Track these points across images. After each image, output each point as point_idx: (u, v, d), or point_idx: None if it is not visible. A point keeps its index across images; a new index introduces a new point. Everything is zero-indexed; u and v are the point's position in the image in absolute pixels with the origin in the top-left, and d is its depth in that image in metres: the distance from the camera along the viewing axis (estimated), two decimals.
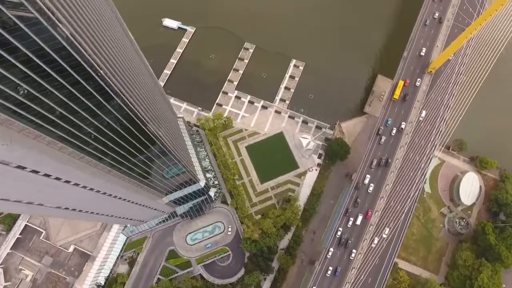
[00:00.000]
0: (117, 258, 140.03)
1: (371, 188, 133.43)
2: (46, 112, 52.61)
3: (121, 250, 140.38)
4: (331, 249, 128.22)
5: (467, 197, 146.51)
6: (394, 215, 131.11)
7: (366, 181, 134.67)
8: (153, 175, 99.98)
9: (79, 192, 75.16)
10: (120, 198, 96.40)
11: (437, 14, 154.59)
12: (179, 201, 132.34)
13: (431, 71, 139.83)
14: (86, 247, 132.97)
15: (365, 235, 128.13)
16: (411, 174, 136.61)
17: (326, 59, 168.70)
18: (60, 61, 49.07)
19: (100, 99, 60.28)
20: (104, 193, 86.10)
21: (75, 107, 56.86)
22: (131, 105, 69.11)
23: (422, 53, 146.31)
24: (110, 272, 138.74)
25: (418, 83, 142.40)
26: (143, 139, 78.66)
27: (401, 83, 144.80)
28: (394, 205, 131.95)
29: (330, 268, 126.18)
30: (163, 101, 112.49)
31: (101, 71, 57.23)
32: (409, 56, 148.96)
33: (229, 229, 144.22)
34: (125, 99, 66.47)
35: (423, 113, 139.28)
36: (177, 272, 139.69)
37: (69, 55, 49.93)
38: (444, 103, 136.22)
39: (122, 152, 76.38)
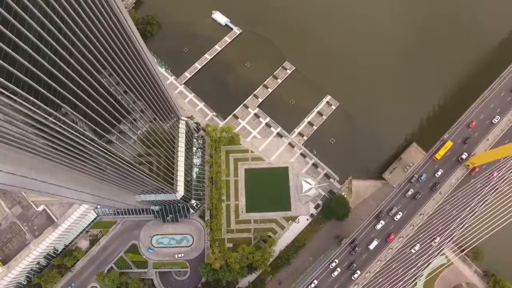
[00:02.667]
0: (82, 231, 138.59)
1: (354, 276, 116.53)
2: None
3: (87, 226, 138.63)
4: None
5: None
6: None
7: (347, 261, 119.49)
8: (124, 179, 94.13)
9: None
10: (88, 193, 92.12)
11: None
12: (155, 202, 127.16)
13: (468, 166, 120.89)
14: (54, 211, 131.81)
15: None
16: (405, 266, 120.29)
17: (363, 107, 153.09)
18: None
19: None
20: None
21: None
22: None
23: (467, 142, 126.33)
24: (71, 242, 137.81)
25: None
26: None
27: (449, 144, 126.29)
28: None
29: None
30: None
31: None
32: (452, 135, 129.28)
33: (197, 246, 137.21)
34: None
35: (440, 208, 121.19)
36: (131, 268, 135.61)
37: None
38: (470, 207, 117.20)
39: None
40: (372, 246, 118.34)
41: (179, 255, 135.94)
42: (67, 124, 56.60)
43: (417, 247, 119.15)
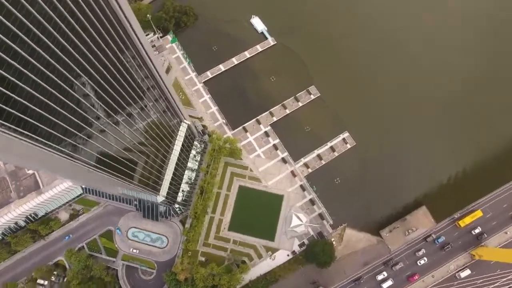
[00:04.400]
0: (65, 204, 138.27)
1: None
2: None
3: (71, 199, 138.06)
4: None
5: None
6: None
7: None
8: None
9: None
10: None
11: None
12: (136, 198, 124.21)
13: (474, 256, 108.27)
14: (43, 179, 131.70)
15: None
16: None
17: (380, 155, 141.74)
18: None
19: None
20: None
21: None
22: None
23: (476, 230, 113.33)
24: (52, 211, 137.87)
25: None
26: None
27: (478, 213, 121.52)
28: None
29: None
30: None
31: None
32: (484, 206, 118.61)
33: (170, 250, 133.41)
34: None
35: None
36: (101, 253, 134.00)
37: None
38: None
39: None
40: None
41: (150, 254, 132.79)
42: None
43: None
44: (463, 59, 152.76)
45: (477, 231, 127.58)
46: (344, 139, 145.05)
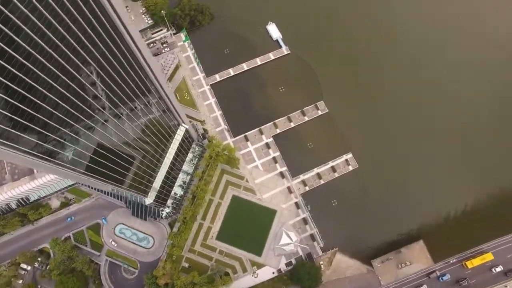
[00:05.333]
0: (58, 191, 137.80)
1: None
2: None
3: (64, 188, 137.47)
4: None
5: None
6: None
7: None
8: None
9: None
10: None
11: None
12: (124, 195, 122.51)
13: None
14: None
15: None
16: None
17: (383, 181, 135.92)
18: None
19: None
20: None
21: None
22: None
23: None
24: (44, 197, 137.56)
25: None
26: None
27: (488, 256, 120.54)
28: None
29: None
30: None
31: None
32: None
33: (155, 252, 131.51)
34: None
35: None
36: (86, 245, 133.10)
37: None
38: None
39: None
40: None
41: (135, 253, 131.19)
42: None
43: None
44: (485, 91, 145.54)
45: (498, 269, 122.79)
46: (347, 160, 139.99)
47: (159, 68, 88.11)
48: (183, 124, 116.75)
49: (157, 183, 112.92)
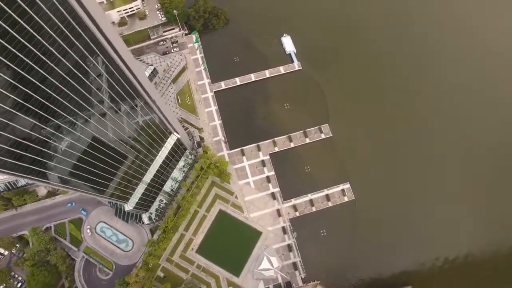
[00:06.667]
0: None
1: None
2: None
3: None
4: None
5: None
6: None
7: None
8: None
9: None
10: None
11: None
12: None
13: None
14: None
15: None
16: None
17: (378, 219, 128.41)
18: None
19: None
20: None
21: None
22: None
23: None
24: (32, 184, 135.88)
25: None
26: None
27: None
28: None
29: None
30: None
31: None
32: None
33: (132, 256, 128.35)
34: None
35: None
36: (65, 239, 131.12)
37: None
38: None
39: None
40: None
41: (112, 254, 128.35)
42: None
43: None
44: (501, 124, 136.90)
45: None
46: (343, 190, 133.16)
47: (142, 73, 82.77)
48: (174, 133, 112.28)
49: (140, 190, 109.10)
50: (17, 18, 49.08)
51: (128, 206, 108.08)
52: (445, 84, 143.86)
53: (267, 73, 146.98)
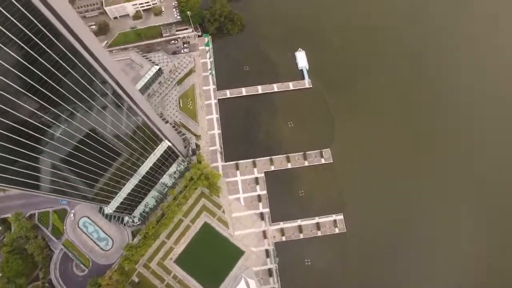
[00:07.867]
0: None
1: None
2: None
3: None
4: None
5: None
6: None
7: None
8: None
9: None
10: None
11: None
12: None
13: None
14: None
15: None
16: None
17: (367, 256, 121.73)
18: None
19: None
20: None
21: None
22: None
23: None
24: None
25: None
26: None
27: None
28: None
29: None
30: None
31: None
32: None
33: (110, 256, 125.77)
34: None
35: None
36: (47, 228, 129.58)
37: None
38: None
39: None
40: None
41: (91, 251, 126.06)
42: None
43: None
44: None
45: None
46: (335, 221, 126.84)
47: (123, 76, 78.25)
48: (166, 141, 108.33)
49: (123, 194, 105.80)
50: None
51: (108, 209, 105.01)
52: (459, 121, 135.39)
53: (275, 87, 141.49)
